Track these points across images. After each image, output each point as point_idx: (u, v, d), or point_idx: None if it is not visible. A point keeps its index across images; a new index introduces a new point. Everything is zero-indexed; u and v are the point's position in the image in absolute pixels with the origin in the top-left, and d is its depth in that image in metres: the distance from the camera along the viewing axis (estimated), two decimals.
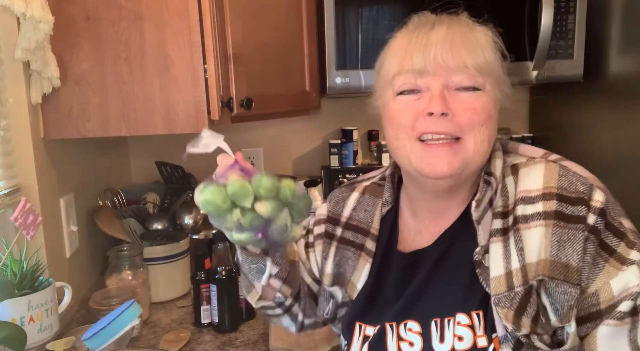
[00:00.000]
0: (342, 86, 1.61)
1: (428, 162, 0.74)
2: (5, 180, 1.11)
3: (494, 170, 0.77)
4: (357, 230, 0.88)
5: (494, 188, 0.76)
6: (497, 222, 0.74)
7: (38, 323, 1.06)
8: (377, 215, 0.88)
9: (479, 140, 0.73)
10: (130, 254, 1.35)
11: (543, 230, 0.69)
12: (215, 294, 1.26)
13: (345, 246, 0.88)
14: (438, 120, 0.72)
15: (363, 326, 0.82)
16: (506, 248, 0.72)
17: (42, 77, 1.14)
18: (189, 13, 1.20)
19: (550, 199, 0.71)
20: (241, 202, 0.67)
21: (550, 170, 0.73)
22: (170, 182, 1.67)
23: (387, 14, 1.62)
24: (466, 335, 0.72)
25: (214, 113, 1.24)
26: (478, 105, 0.73)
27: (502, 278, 0.70)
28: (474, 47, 0.73)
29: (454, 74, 0.73)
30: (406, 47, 0.75)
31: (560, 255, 0.68)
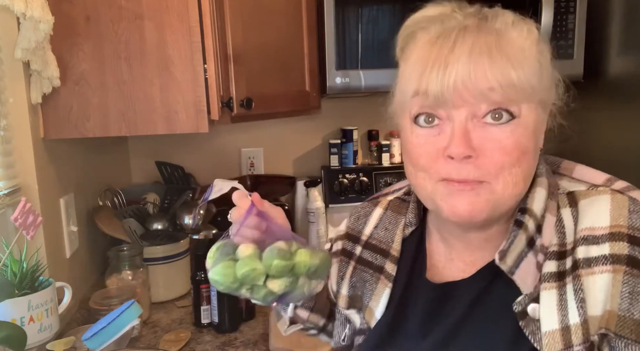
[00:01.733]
0: (342, 86, 1.61)
1: (450, 203, 0.63)
2: (5, 180, 1.11)
3: (531, 205, 0.65)
4: (376, 250, 0.79)
5: (530, 229, 0.64)
6: (551, 264, 0.63)
7: (38, 323, 1.06)
8: (399, 235, 0.78)
9: (509, 183, 0.62)
10: (130, 254, 1.35)
11: (610, 277, 0.59)
12: (215, 294, 1.26)
13: (364, 267, 0.80)
14: (460, 164, 0.61)
15: None
16: (562, 297, 0.61)
17: (42, 77, 1.14)
18: (189, 13, 1.20)
19: (619, 240, 0.59)
20: (252, 282, 0.65)
21: (618, 204, 0.62)
22: (170, 182, 1.67)
23: (387, 14, 1.62)
24: None
25: (214, 113, 1.24)
26: (509, 143, 0.60)
27: (557, 333, 0.60)
28: (504, 65, 0.60)
29: (479, 101, 0.60)
30: (424, 66, 0.62)
31: (632, 309, 0.57)
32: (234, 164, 2.07)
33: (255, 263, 0.65)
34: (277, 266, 0.64)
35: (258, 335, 1.24)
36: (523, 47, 0.62)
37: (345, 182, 1.99)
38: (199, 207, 1.16)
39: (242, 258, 0.66)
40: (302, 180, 1.97)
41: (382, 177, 2.00)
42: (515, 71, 0.60)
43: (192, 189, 1.61)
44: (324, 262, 0.67)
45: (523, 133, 0.61)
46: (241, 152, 2.07)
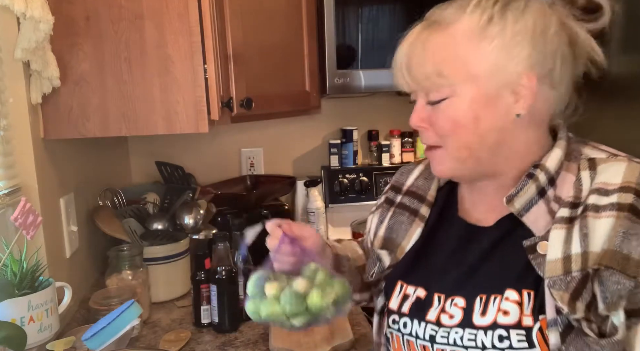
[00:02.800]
0: (342, 86, 1.61)
1: (431, 165, 0.82)
2: (5, 180, 1.11)
3: (545, 161, 0.76)
4: (415, 196, 0.91)
5: (541, 180, 0.75)
6: (565, 211, 0.72)
7: (38, 323, 1.06)
8: (435, 184, 0.90)
9: (457, 145, 0.76)
10: (130, 254, 1.35)
11: (613, 221, 0.68)
12: (215, 294, 1.26)
13: (401, 211, 0.91)
14: (422, 133, 0.80)
15: (405, 286, 0.84)
16: (569, 234, 0.70)
17: (42, 77, 1.14)
18: (189, 13, 1.20)
19: (626, 192, 0.69)
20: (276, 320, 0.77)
21: (632, 168, 0.72)
22: (170, 182, 1.67)
23: (387, 14, 1.63)
24: (513, 310, 0.72)
25: (214, 113, 1.24)
26: (445, 117, 0.75)
27: (559, 261, 0.69)
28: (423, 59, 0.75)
29: (421, 86, 0.77)
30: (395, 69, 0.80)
31: (622, 246, 0.67)
32: (234, 164, 2.07)
33: (275, 306, 0.76)
34: (291, 311, 0.75)
35: (258, 335, 1.24)
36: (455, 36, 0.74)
37: (345, 182, 1.99)
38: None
39: (266, 299, 0.77)
40: (302, 180, 1.97)
41: (382, 177, 2.00)
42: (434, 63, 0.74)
43: (192, 189, 1.61)
44: (340, 296, 0.78)
45: (458, 110, 0.74)
46: (241, 152, 2.07)
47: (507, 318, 0.71)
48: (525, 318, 0.71)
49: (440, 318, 0.77)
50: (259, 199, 1.81)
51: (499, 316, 0.72)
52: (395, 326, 0.82)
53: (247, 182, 2.02)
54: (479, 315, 0.74)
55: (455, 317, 0.76)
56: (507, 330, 0.71)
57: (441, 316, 0.77)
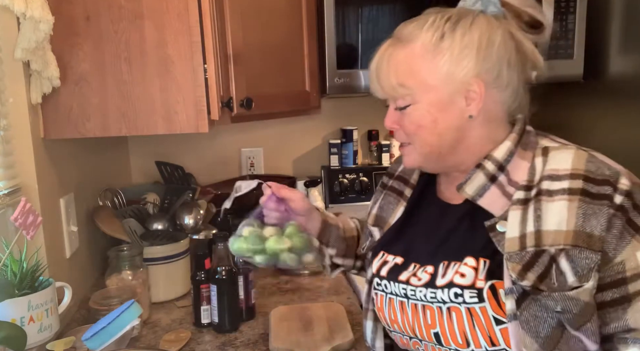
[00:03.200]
0: (342, 86, 1.61)
1: (404, 159, 0.96)
2: (5, 180, 1.11)
3: (493, 153, 0.88)
4: (401, 180, 1.06)
5: (490, 168, 0.86)
6: (520, 192, 0.83)
7: (38, 323, 1.06)
8: (417, 170, 1.04)
9: (422, 143, 0.89)
10: (130, 254, 1.35)
11: (566, 204, 0.78)
12: (215, 294, 1.26)
13: (390, 192, 1.06)
14: (395, 133, 0.93)
15: (386, 254, 0.97)
16: (524, 215, 0.81)
17: (42, 77, 1.14)
18: (189, 13, 1.20)
19: (576, 178, 0.79)
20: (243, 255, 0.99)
21: (579, 156, 0.82)
22: (170, 182, 1.67)
23: (387, 14, 1.63)
24: (469, 273, 0.83)
25: (214, 113, 1.24)
26: (406, 122, 0.89)
27: (516, 239, 0.80)
28: (387, 73, 0.88)
29: (389, 97, 0.91)
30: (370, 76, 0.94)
31: (585, 225, 0.77)
32: (234, 164, 2.07)
33: (242, 243, 0.98)
34: (250, 249, 0.97)
35: (258, 335, 1.24)
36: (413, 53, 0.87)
37: (345, 182, 1.99)
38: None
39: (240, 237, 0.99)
40: (302, 180, 1.97)
41: (382, 177, 2.00)
42: (396, 76, 0.88)
43: (192, 189, 1.61)
44: (297, 247, 0.97)
45: (419, 114, 0.88)
46: (241, 152, 2.07)
47: (463, 279, 0.83)
48: (479, 282, 0.82)
49: (409, 280, 0.90)
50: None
51: (455, 277, 0.84)
52: (380, 288, 0.95)
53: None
54: (440, 277, 0.86)
55: (422, 280, 0.89)
56: (462, 289, 0.83)
57: (411, 278, 0.90)
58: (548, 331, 0.79)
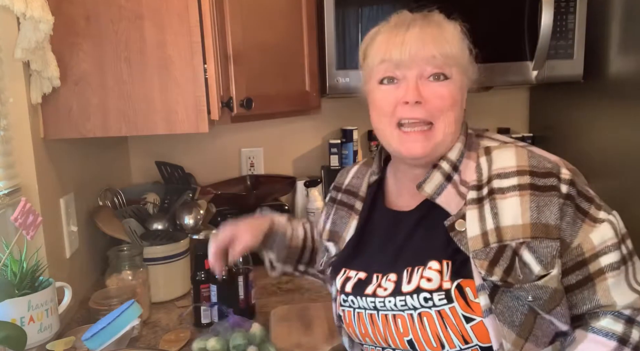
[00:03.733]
0: (342, 86, 1.61)
1: (406, 146, 0.89)
2: (5, 180, 1.11)
3: (447, 154, 0.91)
4: (350, 194, 1.06)
5: (445, 168, 0.90)
6: (473, 193, 0.87)
7: (38, 323, 1.06)
8: (366, 181, 1.04)
9: (446, 123, 0.88)
10: (130, 254, 1.35)
11: (518, 200, 0.83)
12: (215, 294, 1.26)
13: (341, 207, 1.06)
14: (413, 107, 0.87)
15: (347, 271, 0.97)
16: (481, 213, 0.84)
17: (42, 77, 1.14)
18: (189, 13, 1.20)
19: (523, 175, 0.84)
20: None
21: (520, 153, 0.87)
22: (170, 182, 1.67)
23: (387, 13, 1.62)
24: (435, 277, 0.85)
25: (214, 113, 1.24)
26: (445, 93, 0.87)
27: (478, 237, 0.83)
28: (442, 42, 0.87)
29: (425, 64, 0.86)
30: (387, 43, 0.89)
31: (540, 217, 0.82)
32: (234, 164, 2.07)
33: None
34: None
35: None
36: (452, 33, 0.89)
37: None
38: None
39: None
40: (302, 180, 1.97)
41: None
42: (449, 46, 0.87)
43: (192, 189, 1.61)
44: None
45: (454, 89, 0.88)
46: (241, 152, 2.07)
47: (430, 283, 0.84)
48: (445, 283, 0.84)
49: (376, 291, 0.90)
50: (259, 199, 1.81)
51: (422, 282, 0.85)
52: (347, 304, 0.94)
53: (247, 182, 2.02)
54: (405, 284, 0.87)
55: (388, 289, 0.89)
56: (431, 293, 0.84)
57: (377, 290, 0.90)
58: (521, 318, 0.82)
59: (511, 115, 2.07)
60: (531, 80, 1.64)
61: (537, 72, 1.62)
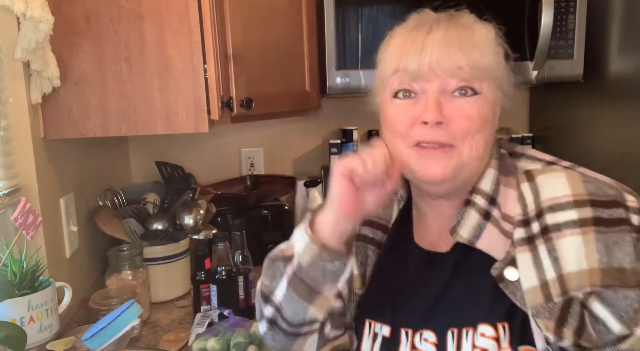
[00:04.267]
0: (342, 86, 1.61)
1: (422, 165, 0.72)
2: (5, 180, 1.11)
3: (479, 184, 0.74)
4: (376, 226, 0.86)
5: (481, 204, 0.73)
6: (520, 231, 0.71)
7: (38, 323, 1.06)
8: (395, 211, 0.85)
9: (473, 146, 0.72)
10: (130, 254, 1.35)
11: (581, 239, 0.66)
12: (215, 294, 1.26)
13: (366, 244, 0.85)
14: (433, 129, 0.71)
15: (373, 324, 0.80)
16: (536, 257, 0.68)
17: (42, 77, 1.14)
18: (189, 13, 1.20)
19: (583, 206, 0.67)
20: None
21: (572, 177, 0.71)
22: (170, 182, 1.67)
23: (387, 14, 1.62)
24: (491, 347, 0.68)
25: (214, 113, 1.24)
26: (474, 111, 0.71)
27: (537, 289, 0.67)
28: (470, 49, 0.71)
29: (449, 77, 0.71)
30: (402, 49, 0.73)
31: (611, 260, 0.65)
32: (234, 164, 2.07)
33: None
34: None
35: None
36: (485, 38, 0.73)
37: None
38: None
39: None
40: (302, 180, 1.97)
41: None
42: (480, 55, 0.71)
43: (192, 189, 1.61)
44: None
45: (484, 106, 0.72)
46: (241, 152, 2.07)
47: None
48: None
49: None
50: (259, 199, 1.81)
51: None
52: None
53: (247, 182, 2.01)
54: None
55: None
56: None
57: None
58: None
59: (511, 115, 2.06)
60: (531, 80, 1.64)
61: (537, 72, 1.62)
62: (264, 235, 1.70)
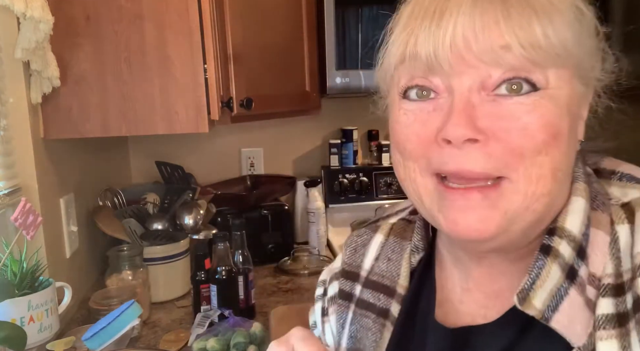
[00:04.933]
0: (342, 86, 1.61)
1: (449, 216, 0.47)
2: (5, 180, 1.11)
3: (563, 222, 0.47)
4: (379, 288, 0.60)
5: (566, 255, 0.46)
6: (607, 302, 0.44)
7: (38, 323, 1.06)
8: (405, 265, 0.59)
9: (534, 177, 0.44)
10: (130, 254, 1.35)
11: None
12: (215, 294, 1.26)
13: (365, 311, 0.60)
14: (462, 151, 0.44)
15: None
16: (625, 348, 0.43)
17: (42, 77, 1.14)
18: (189, 13, 1.20)
19: None
20: None
21: None
22: (170, 182, 1.67)
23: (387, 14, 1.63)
24: None
25: (214, 113, 1.24)
26: (532, 121, 0.44)
27: None
28: (528, 16, 0.43)
29: (490, 65, 0.44)
30: (410, 21, 0.47)
31: None
32: (234, 164, 2.07)
33: None
34: None
35: None
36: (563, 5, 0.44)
37: (345, 182, 1.99)
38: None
39: None
40: (302, 180, 1.97)
41: (382, 177, 2.00)
42: (541, 23, 0.42)
43: (192, 189, 1.61)
44: None
45: (552, 110, 0.44)
46: (241, 152, 2.07)
47: None
48: None
49: None
50: (259, 199, 1.81)
51: None
52: None
53: (247, 182, 2.02)
54: None
55: None
56: None
57: None
58: None
59: None
60: None
61: None
62: (264, 235, 1.70)
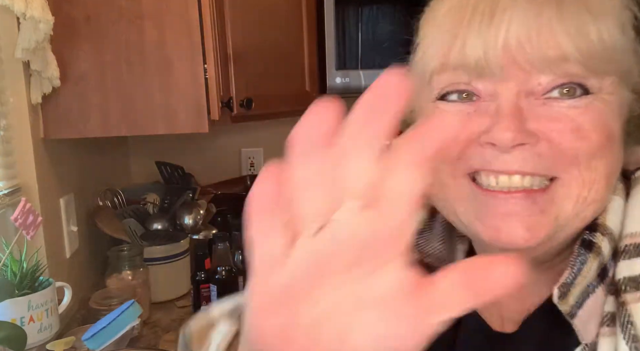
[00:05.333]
0: (342, 86, 1.61)
1: (489, 224, 0.43)
2: (5, 180, 1.11)
3: (604, 219, 0.44)
4: None
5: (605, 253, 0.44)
6: (610, 300, 0.43)
7: (38, 323, 1.06)
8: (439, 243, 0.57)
9: (587, 181, 0.42)
10: (130, 254, 1.35)
11: None
12: (215, 294, 1.26)
13: None
14: (508, 153, 0.41)
15: None
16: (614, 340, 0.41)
17: (42, 77, 1.14)
18: (189, 13, 1.20)
19: None
20: None
21: None
22: (170, 182, 1.67)
23: (387, 13, 1.62)
24: None
25: (214, 113, 1.24)
26: (587, 121, 0.41)
27: None
28: (584, 22, 0.40)
29: (541, 72, 0.41)
30: (458, 22, 0.42)
31: None
32: (234, 164, 2.07)
33: None
34: None
35: None
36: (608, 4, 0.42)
37: None
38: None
39: None
40: None
41: None
42: (598, 28, 0.40)
43: (192, 189, 1.61)
44: None
45: (606, 112, 0.41)
46: (241, 152, 2.07)
47: None
48: None
49: None
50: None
51: None
52: None
53: (247, 182, 2.02)
54: None
55: None
56: None
57: None
58: None
59: None
60: None
61: None
62: None
